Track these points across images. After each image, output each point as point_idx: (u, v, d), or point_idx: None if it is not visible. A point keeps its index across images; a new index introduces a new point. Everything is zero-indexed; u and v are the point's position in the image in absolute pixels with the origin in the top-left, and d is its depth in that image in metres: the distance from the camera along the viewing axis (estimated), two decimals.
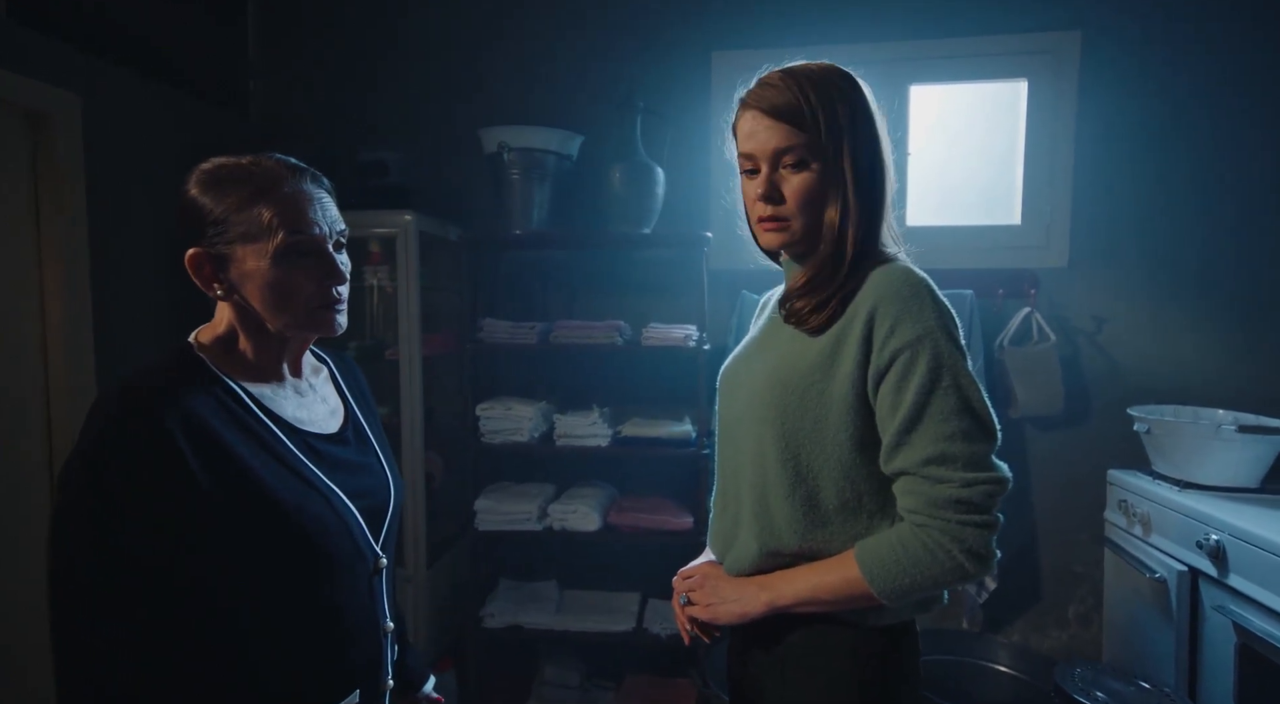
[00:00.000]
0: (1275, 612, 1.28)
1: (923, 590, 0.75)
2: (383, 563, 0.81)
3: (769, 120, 0.80)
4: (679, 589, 0.94)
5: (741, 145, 0.84)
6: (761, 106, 0.81)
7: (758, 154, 0.82)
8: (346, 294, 0.79)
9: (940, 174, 2.16)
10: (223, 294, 0.73)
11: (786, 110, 0.80)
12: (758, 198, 0.83)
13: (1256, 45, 1.89)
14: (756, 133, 0.82)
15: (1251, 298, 1.93)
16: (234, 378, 0.74)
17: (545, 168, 2.00)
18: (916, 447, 0.74)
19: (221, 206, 0.70)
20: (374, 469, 0.85)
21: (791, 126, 0.80)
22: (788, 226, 0.83)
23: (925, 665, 2.04)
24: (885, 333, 0.76)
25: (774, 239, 0.85)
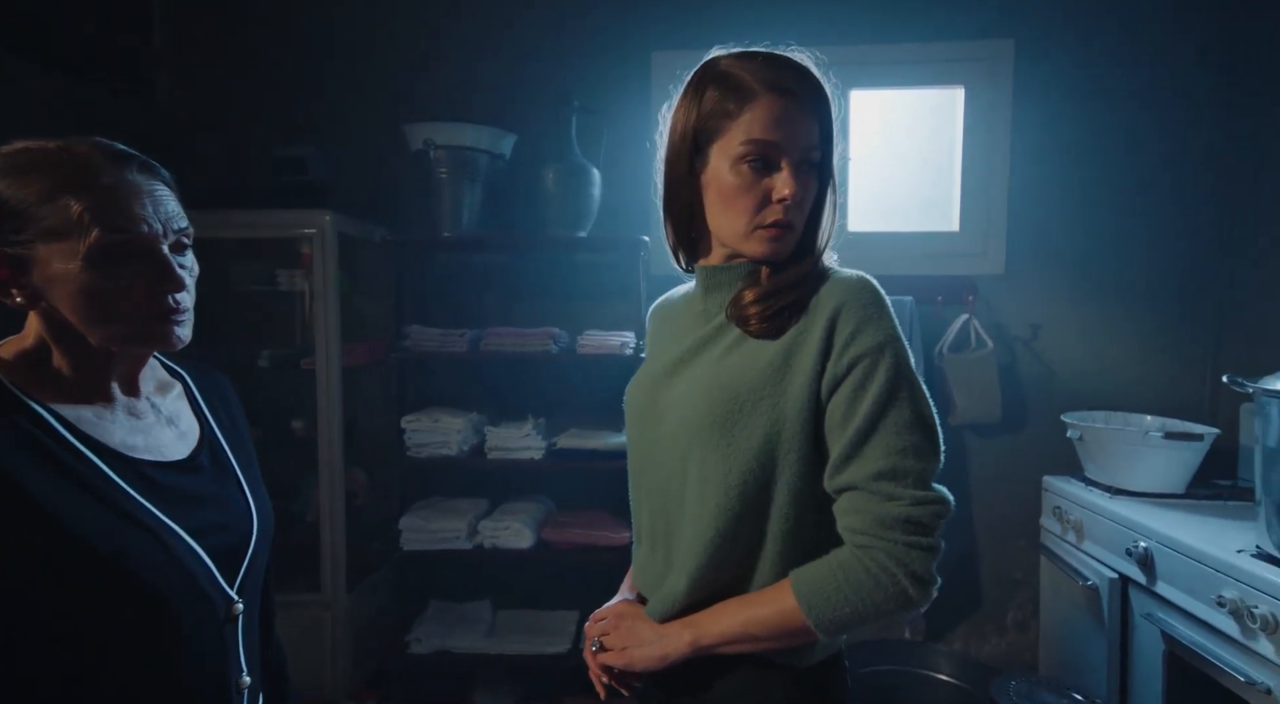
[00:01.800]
0: (1199, 619, 1.28)
1: (863, 620, 0.69)
2: (238, 609, 0.71)
3: (804, 111, 0.72)
4: (590, 634, 0.85)
5: (761, 132, 0.71)
6: (799, 93, 0.72)
7: (787, 147, 0.72)
8: (190, 303, 0.69)
9: (881, 180, 2.15)
10: (25, 302, 0.62)
11: (821, 105, 0.74)
12: (780, 199, 0.72)
13: (1184, 58, 1.93)
14: (790, 122, 0.72)
15: (1173, 305, 1.97)
16: (43, 400, 0.63)
17: (476, 167, 1.91)
18: (869, 459, 0.69)
19: (20, 197, 0.60)
20: (232, 500, 0.74)
21: (818, 123, 0.74)
22: (795, 235, 0.76)
23: (869, 676, 2.03)
24: (845, 339, 0.71)
25: (779, 248, 0.75)
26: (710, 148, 0.76)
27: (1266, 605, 1.14)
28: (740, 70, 0.74)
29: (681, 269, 0.88)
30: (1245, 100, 1.87)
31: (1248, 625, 1.16)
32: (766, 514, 0.74)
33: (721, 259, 0.82)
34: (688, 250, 0.85)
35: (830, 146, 0.76)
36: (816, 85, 0.75)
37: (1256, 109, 1.83)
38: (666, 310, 0.95)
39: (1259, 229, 1.83)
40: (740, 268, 0.80)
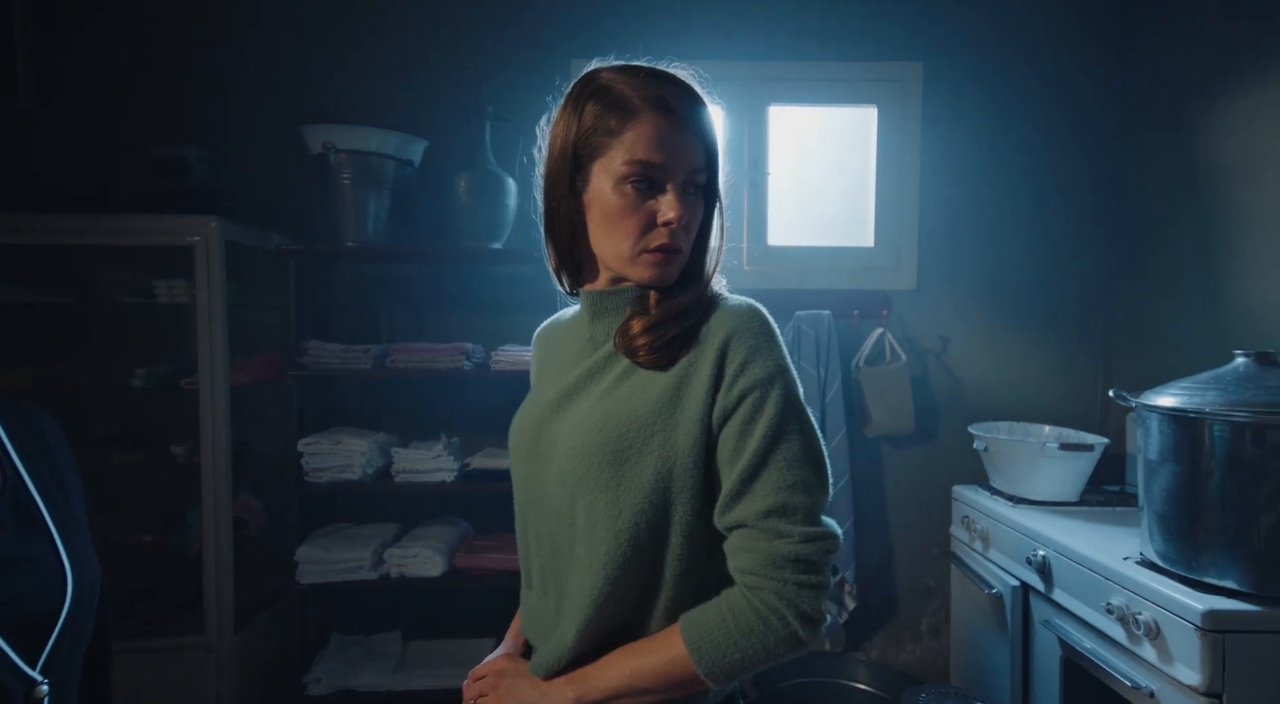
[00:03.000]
0: (1091, 625, 1.33)
1: (753, 666, 0.65)
2: (41, 691, 0.60)
3: (688, 131, 0.70)
4: (468, 695, 0.79)
5: (645, 152, 0.68)
6: (683, 113, 0.70)
7: (671, 168, 0.69)
8: None
9: (802, 195, 2.17)
10: None
11: (705, 124, 0.72)
12: (666, 222, 0.69)
13: (1077, 88, 2.04)
14: (674, 142, 0.69)
15: (1069, 322, 2.08)
16: None
17: (382, 174, 1.80)
18: (758, 496, 0.66)
19: None
20: (39, 562, 0.64)
21: (703, 144, 0.71)
22: (682, 260, 0.73)
23: (791, 690, 2.03)
24: (736, 370, 0.68)
25: (666, 273, 0.72)
26: (592, 166, 0.72)
27: (1149, 612, 1.19)
28: (622, 85, 0.71)
29: (565, 293, 0.84)
30: (1129, 132, 1.99)
31: (1133, 631, 1.21)
32: (661, 557, 0.70)
33: (607, 283, 0.77)
34: (571, 273, 0.80)
35: (716, 168, 0.74)
36: (700, 104, 0.72)
37: (1139, 142, 1.96)
38: (552, 335, 0.90)
39: (1142, 254, 1.95)
40: (628, 293, 0.76)
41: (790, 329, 2.01)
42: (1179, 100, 1.81)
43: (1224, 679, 1.08)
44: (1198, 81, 1.75)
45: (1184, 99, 1.79)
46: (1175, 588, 1.16)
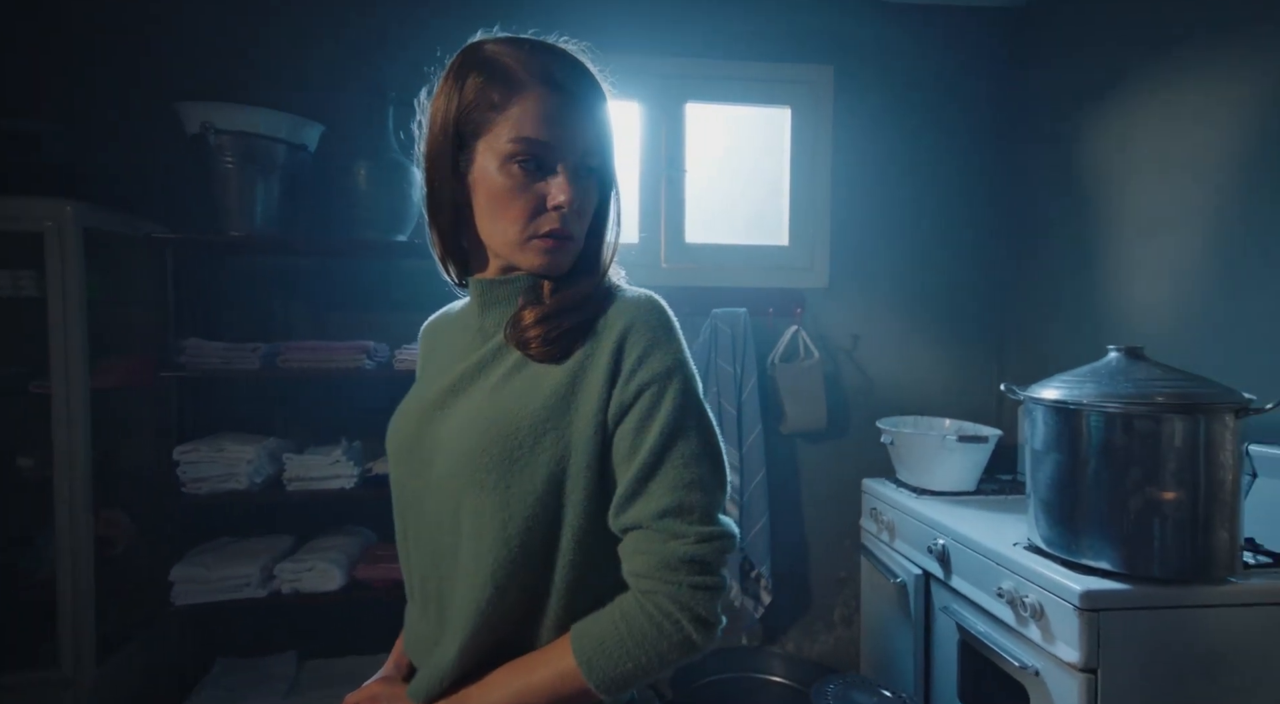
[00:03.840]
0: (984, 609, 1.39)
1: (645, 675, 0.62)
2: None
3: (580, 110, 0.66)
4: None
5: (532, 130, 0.64)
6: (574, 90, 0.66)
7: (561, 149, 0.65)
8: None
9: (718, 194, 2.18)
10: None
11: (599, 105, 0.68)
12: (556, 206, 0.66)
13: (974, 98, 2.15)
14: (564, 121, 0.65)
15: (968, 320, 2.18)
16: None
17: (272, 159, 1.67)
18: (654, 496, 0.63)
19: None
20: None
21: (596, 126, 0.67)
22: (575, 247, 0.69)
23: (707, 687, 2.03)
24: (633, 364, 0.65)
25: (557, 261, 0.68)
26: (476, 144, 0.67)
27: (1035, 594, 1.24)
28: (507, 57, 0.66)
29: (453, 283, 0.78)
30: (1020, 141, 2.11)
31: (1020, 613, 1.27)
32: (552, 564, 0.66)
33: (497, 272, 0.73)
34: (459, 262, 0.75)
35: (610, 151, 0.70)
36: (593, 83, 0.68)
37: (1028, 151, 2.08)
38: (439, 328, 0.84)
39: (1031, 257, 2.07)
40: (519, 282, 0.72)
41: (707, 327, 2.01)
42: (1061, 112, 1.93)
43: (1099, 655, 1.14)
44: (1077, 95, 1.87)
45: (1066, 111, 1.91)
46: (1057, 571, 1.22)
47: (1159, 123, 1.62)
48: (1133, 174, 1.69)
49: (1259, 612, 1.15)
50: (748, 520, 1.95)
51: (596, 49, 0.73)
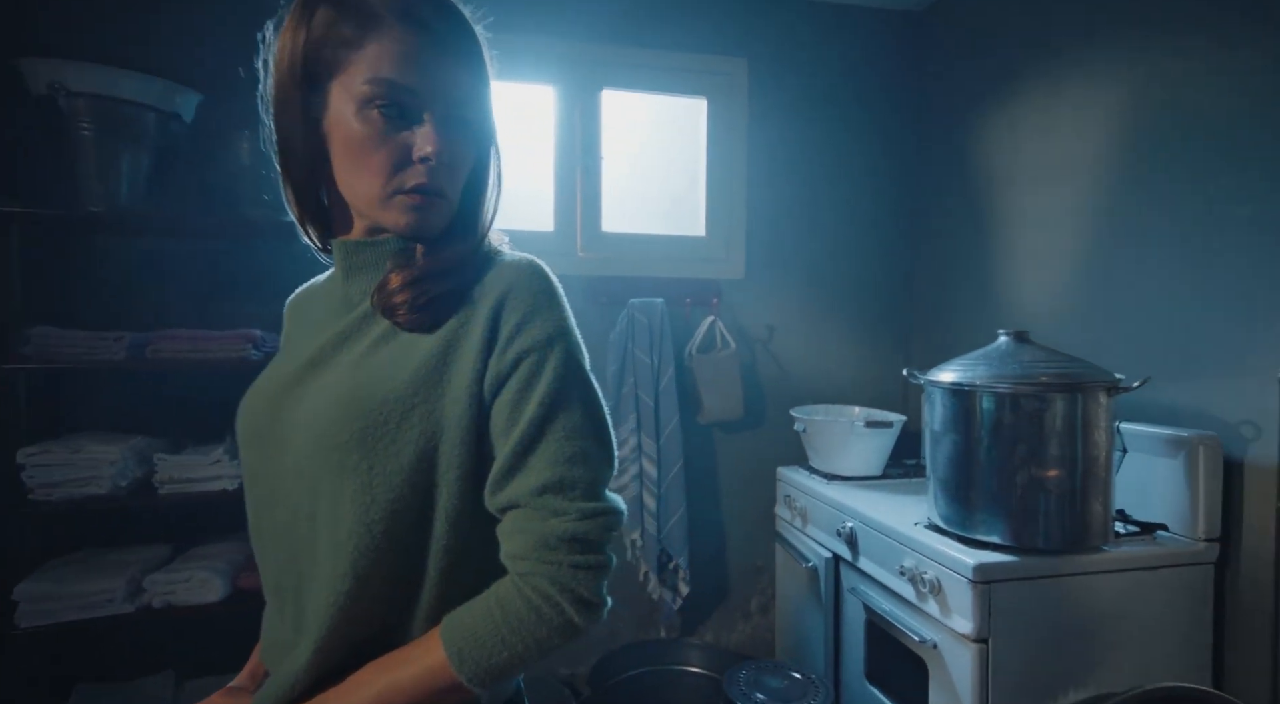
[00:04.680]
0: (888, 588, 1.42)
1: (523, 664, 0.57)
2: None
3: (448, 54, 0.61)
4: None
5: (392, 71, 0.58)
6: (441, 31, 0.60)
7: (427, 94, 0.60)
8: None
9: (636, 183, 2.16)
10: None
11: (472, 49, 0.62)
12: (423, 157, 0.60)
13: (881, 97, 2.22)
14: (429, 64, 0.59)
15: (877, 310, 2.26)
16: None
17: (140, 127, 1.51)
18: (533, 471, 0.58)
19: None
20: None
21: (469, 72, 0.62)
22: (446, 206, 0.63)
23: (626, 682, 2.00)
24: (511, 331, 0.60)
25: (425, 220, 0.62)
26: (330, 85, 0.60)
27: (933, 570, 1.29)
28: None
29: (315, 248, 0.71)
30: (923, 138, 2.20)
31: (920, 589, 1.31)
32: (423, 550, 0.60)
33: (363, 233, 0.66)
34: (319, 223, 0.68)
35: (488, 104, 0.65)
36: (463, 24, 0.63)
37: (930, 148, 2.17)
38: (303, 302, 0.77)
39: (933, 248, 2.16)
40: (388, 244, 0.65)
41: (624, 317, 1.98)
42: (958, 113, 2.02)
43: (990, 625, 1.19)
44: (971, 98, 1.97)
45: (961, 113, 2.01)
46: (953, 547, 1.27)
47: (1042, 126, 1.72)
48: (1019, 173, 1.79)
49: (1127, 576, 1.24)
50: (665, 512, 1.94)
51: (514, 30, 0.68)
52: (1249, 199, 1.26)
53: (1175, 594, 1.26)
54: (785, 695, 1.35)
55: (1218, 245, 1.31)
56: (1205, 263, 1.34)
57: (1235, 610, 1.27)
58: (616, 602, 2.31)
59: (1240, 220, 1.27)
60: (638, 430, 1.95)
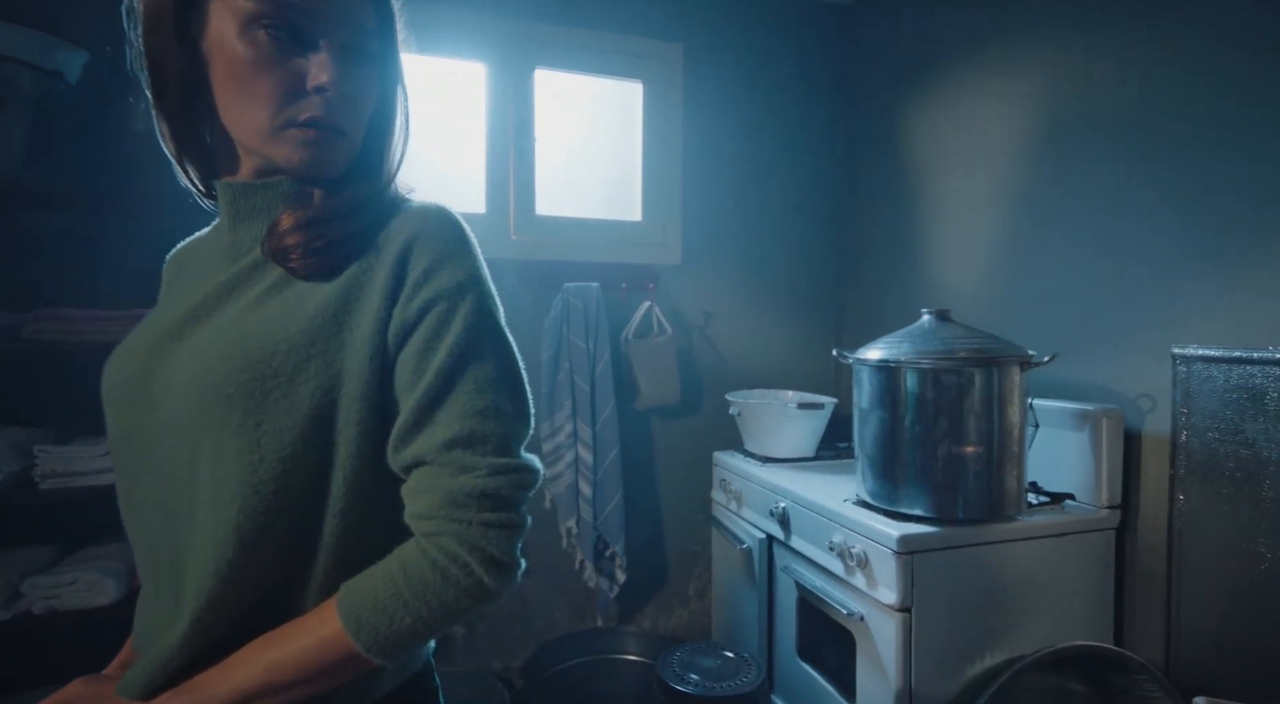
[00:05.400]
0: (818, 564, 1.44)
1: (430, 630, 0.53)
2: None
3: None
4: None
5: None
6: None
7: (324, 19, 0.55)
8: None
9: (571, 166, 2.12)
10: None
11: None
12: (318, 87, 0.55)
13: (816, 84, 2.25)
14: None
15: (810, 296, 2.29)
16: None
17: (15, 86, 1.37)
18: (441, 426, 0.54)
19: None
20: None
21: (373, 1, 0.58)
22: (346, 144, 0.58)
23: (563, 673, 1.97)
24: (419, 278, 0.56)
25: (321, 156, 0.57)
26: (209, 2, 0.54)
27: (861, 544, 1.31)
28: None
29: (197, 192, 0.65)
30: (855, 125, 2.25)
31: (848, 564, 1.33)
32: (318, 514, 0.55)
33: (252, 174, 0.61)
34: (201, 162, 0.62)
35: (394, 38, 0.61)
36: None
37: (861, 138, 2.22)
38: (186, 254, 0.70)
39: (864, 235, 2.21)
40: (281, 187, 0.60)
41: (559, 301, 1.94)
42: (888, 102, 2.08)
43: (913, 594, 1.22)
44: (901, 87, 2.02)
45: (892, 101, 2.06)
46: (880, 521, 1.29)
47: (964, 115, 1.79)
48: (943, 160, 1.86)
49: (1039, 543, 1.29)
50: (602, 499, 1.91)
51: (444, 4, 0.64)
52: (1150, 186, 1.34)
53: (1081, 559, 1.32)
54: (718, 674, 1.35)
55: (1121, 230, 1.39)
56: (1110, 246, 1.41)
57: (1134, 572, 1.35)
58: (552, 594, 2.27)
59: (1141, 206, 1.35)
60: (573, 416, 1.92)
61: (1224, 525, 1.19)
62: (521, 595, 1.98)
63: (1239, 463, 1.17)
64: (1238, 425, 1.17)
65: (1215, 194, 1.22)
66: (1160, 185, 1.32)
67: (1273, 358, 1.13)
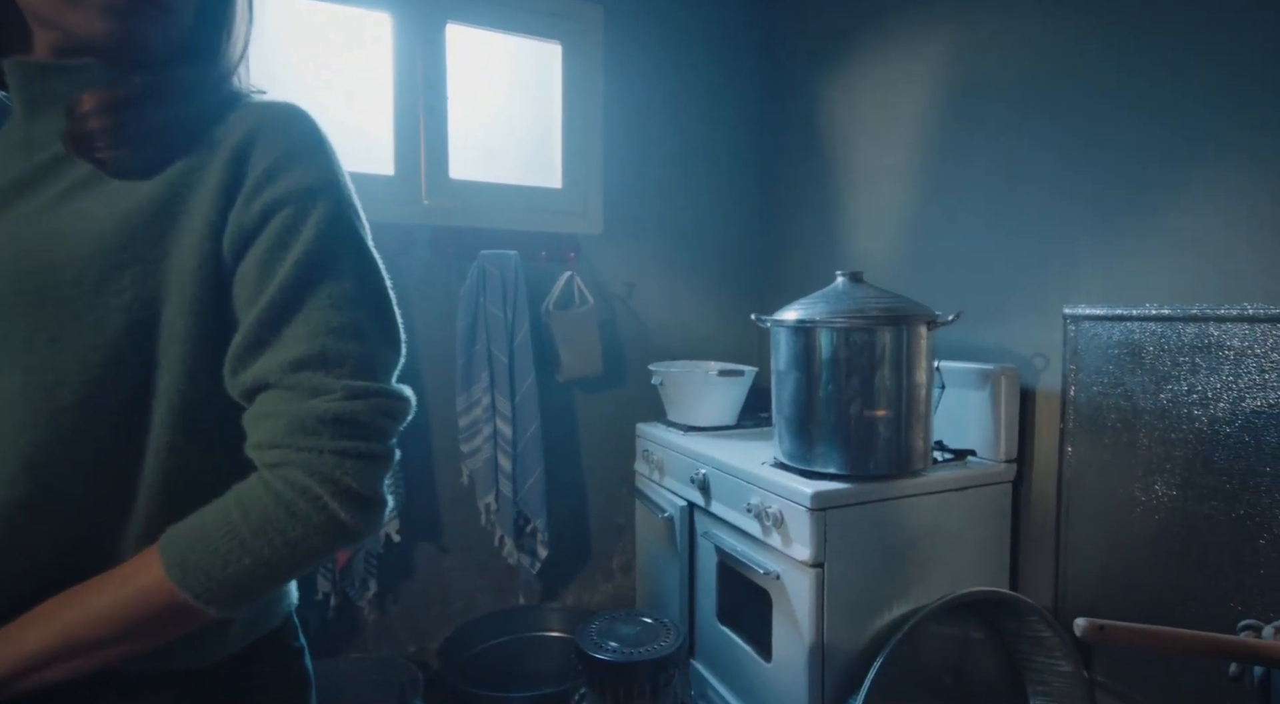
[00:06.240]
0: (736, 527, 1.45)
1: (276, 574, 0.46)
2: None
3: None
4: None
5: None
6: None
7: None
8: None
9: (488, 128, 2.02)
10: None
11: None
12: None
13: (738, 50, 2.25)
14: None
15: (733, 267, 2.30)
16: None
17: None
18: (288, 344, 0.48)
19: None
20: None
21: None
22: (165, 18, 0.49)
23: (483, 654, 1.90)
24: (261, 177, 0.49)
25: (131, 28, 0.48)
26: None
27: (777, 504, 1.32)
28: None
29: None
30: (775, 96, 2.26)
31: (765, 524, 1.34)
32: (138, 449, 0.48)
33: (49, 52, 0.51)
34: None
35: None
36: None
37: (782, 107, 2.24)
38: None
39: (784, 204, 2.23)
40: (88, 72, 0.51)
41: (475, 269, 1.85)
42: (806, 71, 2.09)
43: (826, 549, 1.24)
44: (818, 56, 2.04)
45: (810, 70, 2.08)
46: (796, 480, 1.30)
47: (876, 85, 1.82)
48: (858, 129, 1.89)
49: (943, 497, 1.34)
50: (522, 473, 1.86)
51: None
52: (1042, 152, 1.40)
53: (981, 511, 1.39)
54: (637, 640, 1.33)
55: (1017, 197, 1.45)
56: (1008, 213, 1.47)
57: (1028, 521, 1.43)
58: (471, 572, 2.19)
59: (1036, 174, 1.41)
60: (491, 389, 1.85)
61: (1106, 474, 1.27)
62: (439, 575, 1.91)
63: (1119, 414, 1.25)
64: (1119, 379, 1.25)
65: (1103, 163, 1.29)
66: (1053, 154, 1.38)
67: (1149, 314, 1.20)
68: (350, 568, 1.68)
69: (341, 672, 1.59)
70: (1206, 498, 1.12)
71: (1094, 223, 1.31)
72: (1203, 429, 1.12)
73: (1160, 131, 1.19)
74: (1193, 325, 1.14)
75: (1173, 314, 1.17)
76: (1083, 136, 1.32)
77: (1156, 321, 1.19)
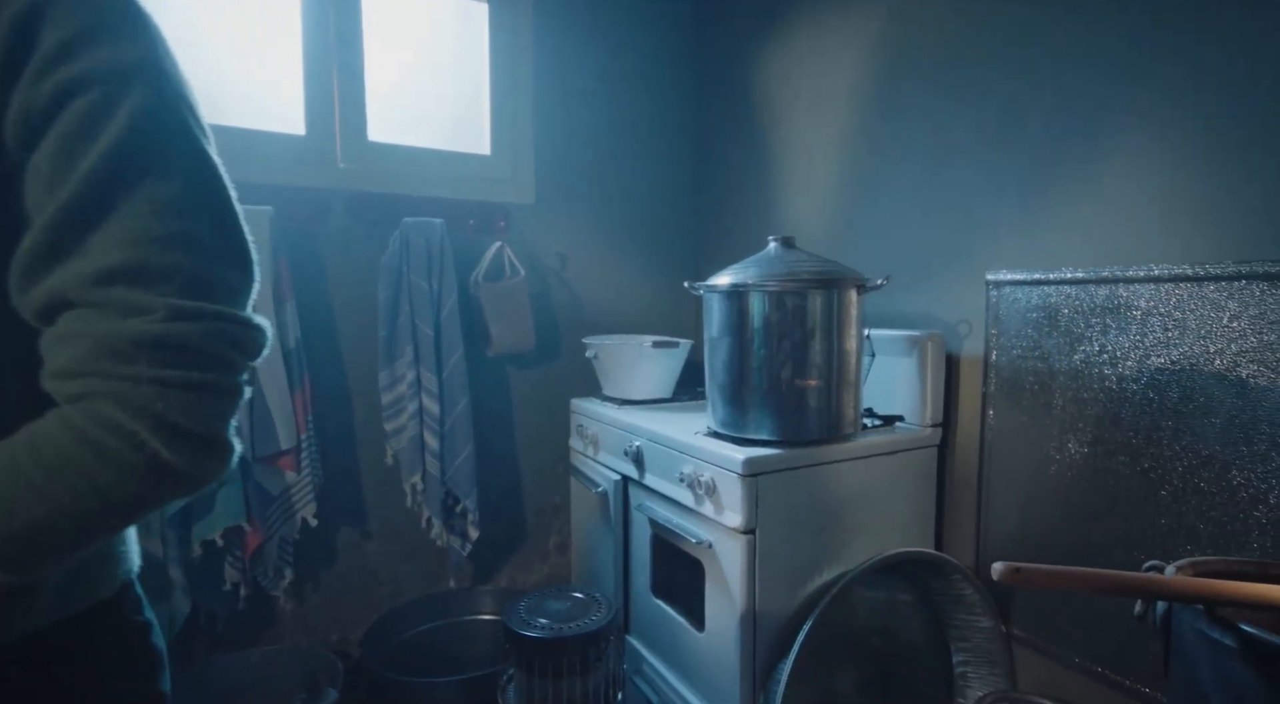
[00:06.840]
0: (669, 498, 1.42)
1: (85, 527, 0.39)
2: None
3: None
4: None
5: None
6: None
7: None
8: None
9: (410, 89, 1.90)
10: None
11: None
12: None
13: (677, 20, 2.19)
14: None
15: (669, 239, 2.26)
16: None
17: None
18: (95, 252, 0.39)
19: None
20: None
21: None
22: None
23: (412, 640, 1.82)
24: (53, 50, 0.40)
25: None
26: None
27: (709, 472, 1.30)
28: None
29: None
30: (708, 66, 2.23)
31: (698, 493, 1.32)
32: None
33: None
34: None
35: None
36: None
37: (718, 78, 2.20)
38: None
39: (719, 175, 2.21)
40: None
41: (397, 237, 1.75)
42: (741, 43, 2.06)
43: (757, 515, 1.22)
44: (753, 28, 2.01)
45: (744, 42, 2.05)
46: (728, 447, 1.28)
47: (809, 57, 1.81)
48: (792, 101, 1.88)
49: (872, 462, 1.35)
50: (450, 452, 1.77)
51: None
52: (965, 124, 1.41)
53: (908, 475, 1.41)
54: (567, 616, 1.29)
55: (943, 165, 1.46)
56: (935, 181, 1.49)
57: (952, 484, 1.46)
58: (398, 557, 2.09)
59: (960, 143, 1.43)
60: (415, 364, 1.75)
61: (1024, 435, 1.30)
62: (363, 561, 1.81)
63: (1036, 376, 1.28)
64: (1037, 342, 1.28)
65: (1023, 131, 1.31)
66: (971, 125, 1.39)
67: (1065, 278, 1.23)
68: (262, 555, 1.57)
69: (251, 664, 1.49)
70: (1114, 453, 1.16)
71: (1015, 192, 1.33)
72: (1112, 387, 1.16)
73: (1073, 101, 1.22)
74: (1104, 287, 1.17)
75: (1086, 277, 1.20)
76: (1006, 107, 1.34)
77: (1071, 284, 1.22)
